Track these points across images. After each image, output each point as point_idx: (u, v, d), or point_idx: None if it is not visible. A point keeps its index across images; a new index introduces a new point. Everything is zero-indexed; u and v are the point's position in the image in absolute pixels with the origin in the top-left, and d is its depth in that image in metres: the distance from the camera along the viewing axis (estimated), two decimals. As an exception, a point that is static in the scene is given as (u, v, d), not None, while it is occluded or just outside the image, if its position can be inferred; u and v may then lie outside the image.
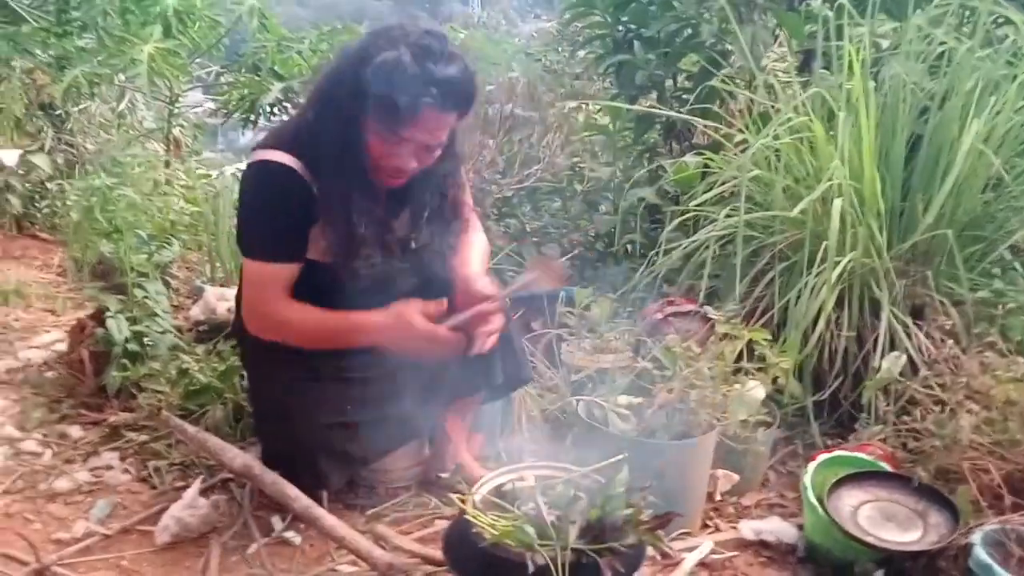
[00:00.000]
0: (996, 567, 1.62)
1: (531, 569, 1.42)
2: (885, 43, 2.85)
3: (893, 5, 2.88)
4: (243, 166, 4.34)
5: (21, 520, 2.08)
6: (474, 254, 2.13)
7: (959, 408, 1.97)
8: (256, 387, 2.22)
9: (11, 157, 4.31)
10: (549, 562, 1.44)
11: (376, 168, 1.92)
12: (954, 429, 1.93)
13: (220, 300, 2.87)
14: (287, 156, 1.92)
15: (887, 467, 2.03)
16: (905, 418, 2.07)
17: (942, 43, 2.53)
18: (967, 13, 2.79)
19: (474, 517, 1.54)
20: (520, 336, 2.31)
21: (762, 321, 2.41)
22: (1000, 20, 2.70)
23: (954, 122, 2.39)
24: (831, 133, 2.48)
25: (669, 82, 3.50)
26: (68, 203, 2.76)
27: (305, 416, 2.04)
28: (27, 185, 4.27)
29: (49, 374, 2.75)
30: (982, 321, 2.30)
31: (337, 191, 1.91)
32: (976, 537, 1.72)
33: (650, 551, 1.80)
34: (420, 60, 1.78)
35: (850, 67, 2.44)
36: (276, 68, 4.03)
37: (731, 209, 2.56)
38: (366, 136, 1.87)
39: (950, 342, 2.12)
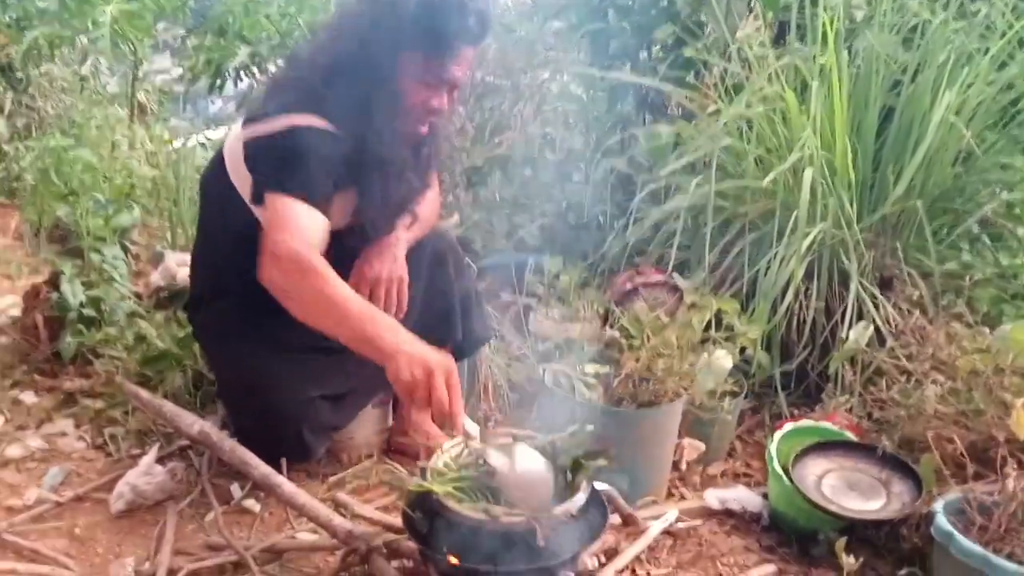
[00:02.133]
0: (957, 535, 1.62)
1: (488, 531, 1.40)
2: (860, 14, 2.82)
3: (869, -25, 2.86)
4: (212, 134, 4.29)
5: (-29, 487, 2.03)
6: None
7: (924, 379, 1.98)
8: (224, 365, 2.11)
9: (-33, 120, 4.20)
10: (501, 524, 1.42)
11: (407, 117, 1.86)
12: (919, 399, 1.94)
13: (180, 266, 2.80)
14: (315, 119, 1.80)
15: (852, 436, 2.03)
16: (871, 388, 2.08)
17: (916, 15, 2.51)
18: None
19: (432, 484, 1.51)
20: (480, 295, 2.26)
21: (731, 291, 2.40)
22: (974, -7, 2.68)
23: (926, 94, 2.38)
24: (803, 104, 2.46)
25: (644, 53, 3.46)
26: (24, 165, 2.67)
27: (285, 390, 1.95)
28: (-17, 148, 4.16)
29: (2, 339, 2.67)
30: (949, 293, 2.31)
31: (373, 154, 1.84)
32: (938, 505, 1.72)
33: (614, 519, 1.80)
34: None
35: (824, 38, 2.41)
36: (243, 32, 3.93)
37: (702, 179, 2.53)
38: (403, 82, 1.82)
39: (917, 313, 2.12)
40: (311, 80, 1.85)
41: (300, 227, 1.73)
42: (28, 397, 2.40)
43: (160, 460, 2.05)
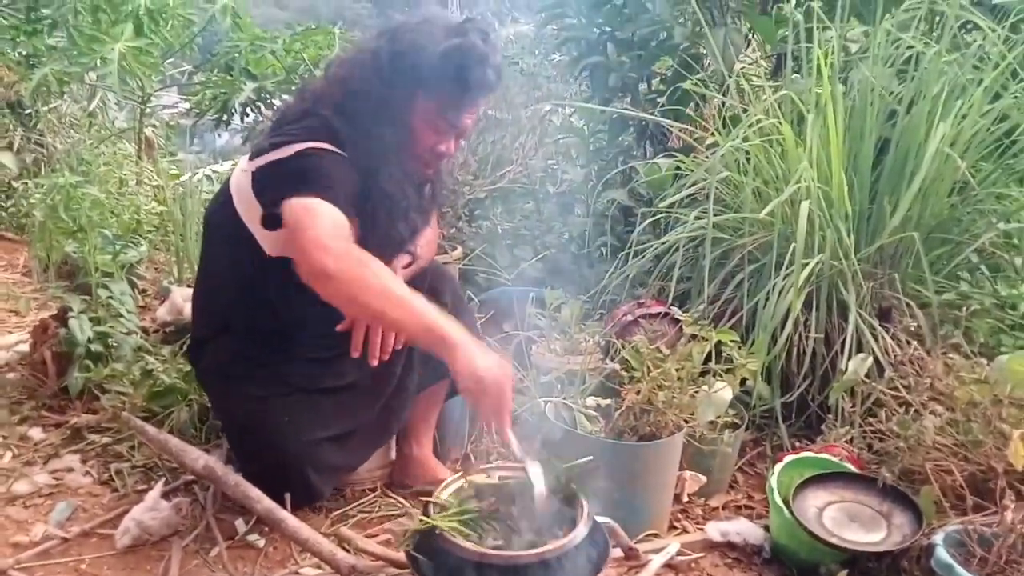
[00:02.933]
0: (957, 567, 1.63)
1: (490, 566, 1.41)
2: (855, 47, 2.86)
3: (863, 9, 2.89)
4: (218, 168, 4.33)
5: (-22, 523, 2.04)
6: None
7: (923, 409, 1.98)
8: (227, 406, 2.10)
9: (-23, 156, 4.26)
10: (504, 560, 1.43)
11: (416, 159, 1.93)
12: (918, 430, 1.94)
13: (187, 301, 2.83)
14: (326, 145, 1.82)
15: (852, 468, 2.04)
16: (871, 419, 2.08)
17: (910, 47, 2.55)
18: (936, 18, 2.81)
19: (435, 519, 1.52)
20: (479, 331, 2.24)
21: (731, 323, 2.42)
22: (968, 25, 2.72)
23: (921, 126, 2.41)
24: (800, 136, 2.49)
25: (643, 85, 3.51)
26: (32, 202, 2.71)
27: (290, 433, 1.94)
28: (-8, 184, 4.22)
29: (11, 375, 2.70)
30: (947, 323, 2.32)
31: (380, 189, 1.86)
32: (938, 538, 1.73)
33: (615, 552, 1.80)
34: (486, 44, 1.83)
35: (819, 71, 2.45)
36: (249, 68, 3.99)
37: (701, 211, 2.56)
38: (415, 124, 1.88)
39: (915, 344, 2.13)
40: (322, 113, 1.87)
41: (333, 219, 1.68)
42: (36, 433, 2.42)
43: (166, 495, 2.07)
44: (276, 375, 1.95)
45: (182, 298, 2.88)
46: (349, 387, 1.99)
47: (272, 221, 1.81)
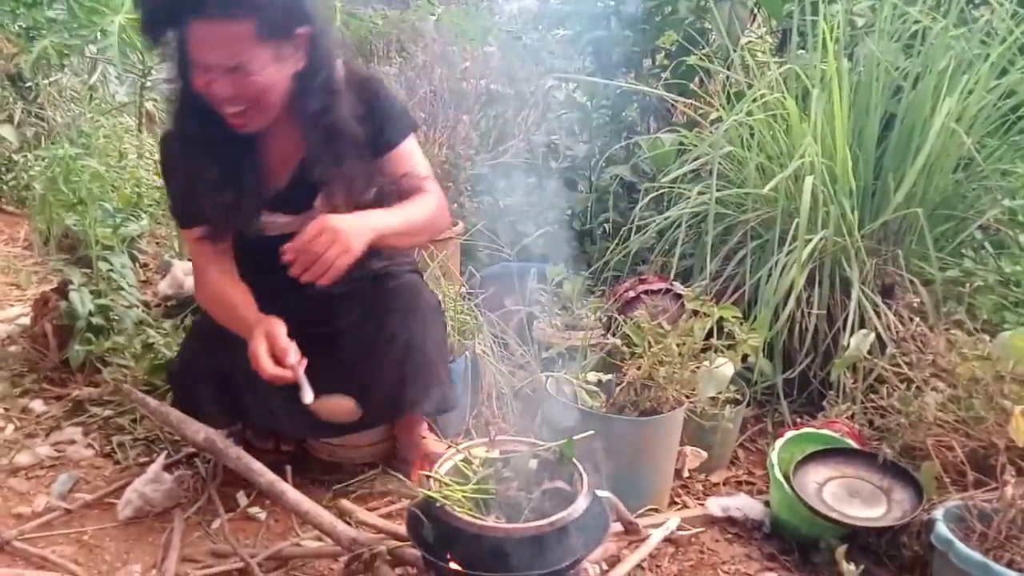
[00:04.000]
0: (957, 542, 1.63)
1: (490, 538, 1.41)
2: (861, 21, 2.83)
3: (871, -18, 2.87)
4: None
5: (-19, 494, 2.05)
6: (392, 207, 1.90)
7: (925, 386, 1.98)
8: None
9: (-23, 129, 4.24)
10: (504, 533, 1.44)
11: (212, 113, 1.77)
12: (920, 407, 1.94)
13: (188, 275, 2.83)
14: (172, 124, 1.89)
15: (853, 444, 2.04)
16: (872, 395, 2.08)
17: (917, 22, 2.52)
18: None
19: (435, 491, 1.53)
20: (443, 361, 2.08)
21: (733, 299, 2.41)
22: (975, 0, 2.69)
23: (927, 101, 2.38)
24: (804, 111, 2.47)
25: (647, 60, 3.48)
26: (33, 175, 2.70)
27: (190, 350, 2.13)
28: (-6, 157, 4.20)
29: (12, 348, 2.70)
30: (951, 300, 2.31)
31: (194, 148, 1.83)
32: (939, 513, 1.73)
33: (615, 526, 1.81)
34: None
35: (824, 46, 2.42)
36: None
37: (704, 186, 2.55)
38: (184, 72, 1.74)
39: (918, 320, 2.12)
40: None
41: (192, 252, 1.98)
42: (37, 405, 2.43)
43: (167, 468, 2.08)
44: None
45: (183, 272, 2.87)
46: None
47: None
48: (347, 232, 1.70)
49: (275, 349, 1.75)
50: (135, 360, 2.45)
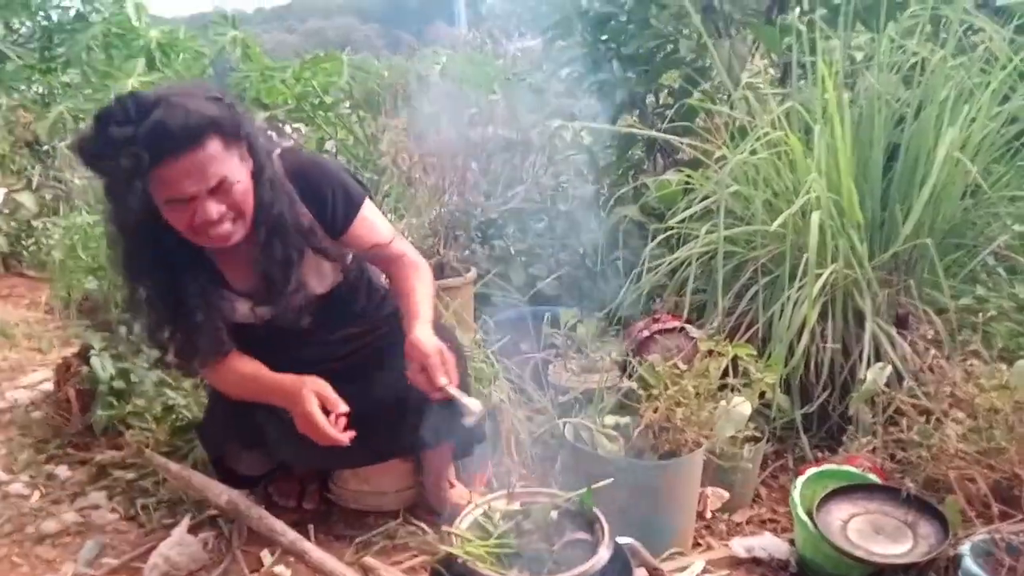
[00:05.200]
0: (985, 578, 1.61)
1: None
2: (860, 55, 2.86)
3: (868, 16, 2.89)
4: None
5: (9, 564, 2.07)
6: (415, 301, 1.96)
7: (944, 417, 1.97)
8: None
9: (-4, 196, 4.33)
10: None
11: (196, 236, 1.77)
12: (940, 439, 1.93)
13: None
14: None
15: (876, 479, 2.03)
16: (892, 429, 2.07)
17: (915, 53, 2.54)
18: (940, 22, 2.80)
19: (456, 545, 1.53)
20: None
21: (747, 336, 2.41)
22: (972, 28, 2.71)
23: (930, 131, 2.40)
24: (808, 146, 2.49)
25: (651, 99, 3.51)
26: (52, 241, 2.76)
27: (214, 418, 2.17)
28: (13, 224, 4.28)
29: (36, 414, 2.74)
30: (965, 328, 2.29)
31: (160, 286, 1.86)
32: (965, 548, 1.71)
33: (639, 573, 1.80)
34: (104, 126, 1.63)
35: (824, 80, 2.45)
36: (260, 97, 4.04)
37: (712, 225, 2.56)
38: (164, 219, 1.74)
39: (933, 351, 2.12)
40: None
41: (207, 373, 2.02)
42: (62, 471, 2.45)
43: (192, 529, 2.09)
44: None
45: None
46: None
47: None
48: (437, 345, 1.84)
49: (328, 404, 1.84)
50: (156, 422, 2.47)
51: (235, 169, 1.73)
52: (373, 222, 2.01)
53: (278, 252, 1.86)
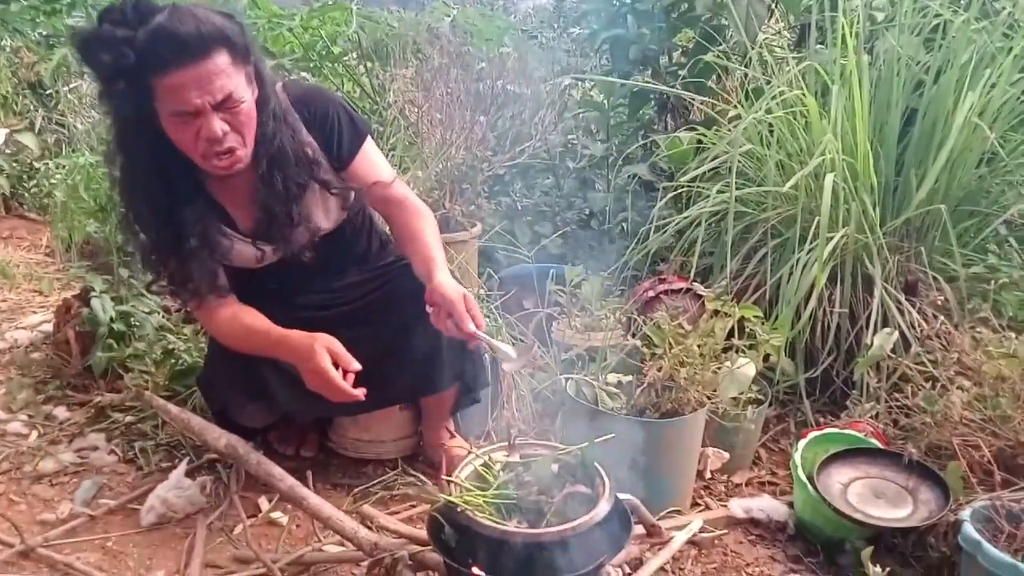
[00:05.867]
0: (985, 543, 1.60)
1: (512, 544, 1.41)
2: (880, 16, 2.80)
3: (890, -23, 2.83)
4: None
5: (6, 501, 2.07)
6: (427, 244, 1.91)
7: (950, 384, 1.95)
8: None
9: (-2, 136, 4.29)
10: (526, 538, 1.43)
11: (202, 159, 1.74)
12: (945, 405, 1.91)
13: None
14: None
15: (878, 444, 2.02)
16: (897, 395, 2.05)
17: (937, 15, 2.49)
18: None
19: (455, 496, 1.52)
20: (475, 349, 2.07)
21: (754, 298, 2.39)
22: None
23: (949, 96, 2.35)
24: (824, 108, 2.44)
25: (664, 58, 3.46)
26: (54, 182, 2.72)
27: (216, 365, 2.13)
28: (15, 165, 4.24)
29: (35, 355, 2.73)
30: (975, 297, 2.28)
31: (160, 215, 1.82)
32: (966, 513, 1.70)
33: (638, 529, 1.80)
34: (102, 26, 1.60)
35: (844, 41, 2.40)
36: (267, 45, 3.98)
37: (723, 185, 2.53)
38: (166, 134, 1.71)
39: (942, 318, 2.10)
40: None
41: (207, 321, 1.96)
42: (60, 412, 2.44)
43: (189, 473, 2.09)
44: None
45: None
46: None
47: None
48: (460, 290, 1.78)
49: (341, 362, 1.78)
50: (156, 366, 2.46)
51: (241, 88, 1.69)
52: (376, 160, 1.99)
53: (279, 184, 1.83)
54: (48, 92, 4.54)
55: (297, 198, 1.87)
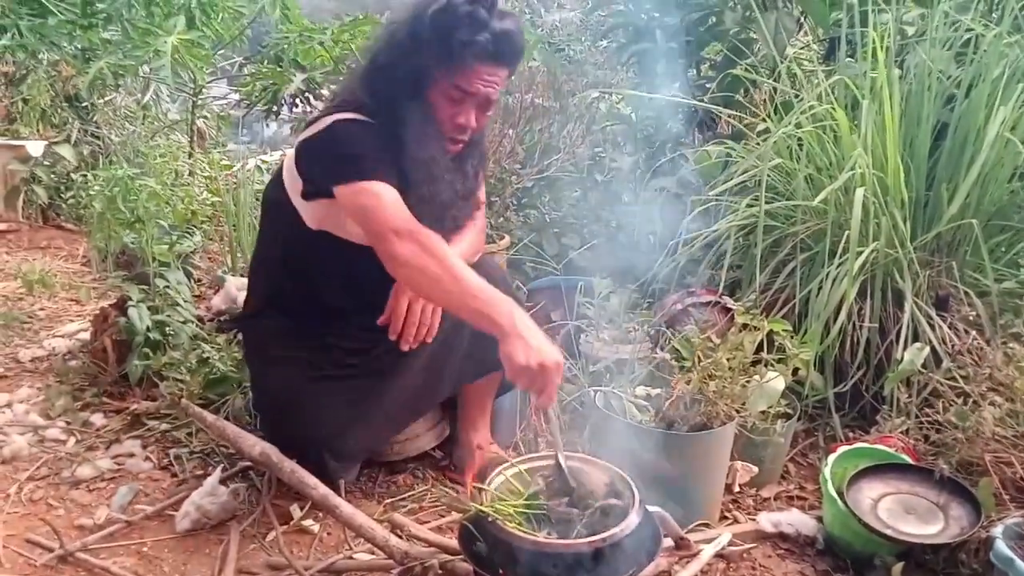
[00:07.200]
0: (1018, 561, 1.60)
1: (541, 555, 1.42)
2: (911, 30, 2.80)
3: (920, -10, 2.83)
4: (267, 157, 4.39)
5: (45, 506, 2.11)
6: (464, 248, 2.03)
7: (982, 400, 1.95)
8: (262, 381, 2.18)
9: (37, 148, 4.38)
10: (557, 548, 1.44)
11: (440, 135, 1.91)
12: (977, 421, 1.91)
13: (241, 290, 2.88)
14: (356, 115, 1.91)
15: (908, 459, 2.01)
16: (927, 410, 2.05)
17: (969, 29, 2.49)
18: (995, -1, 2.74)
19: (486, 505, 1.54)
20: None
21: (783, 312, 2.39)
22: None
23: (980, 110, 2.35)
24: (854, 122, 2.45)
25: (692, 71, 3.47)
26: (91, 193, 2.78)
27: (315, 413, 2.00)
28: (53, 176, 4.33)
29: (73, 363, 2.78)
30: (1007, 312, 2.27)
31: (412, 151, 1.88)
32: (998, 530, 1.70)
33: (667, 542, 1.80)
34: (474, 6, 1.80)
35: (874, 55, 2.40)
36: (298, 59, 4.03)
37: (752, 199, 2.53)
38: (430, 95, 1.88)
39: (973, 333, 2.09)
40: (352, 88, 1.98)
41: (393, 202, 1.78)
42: (98, 419, 2.49)
43: (223, 481, 2.12)
44: (311, 358, 2.02)
45: (236, 287, 2.93)
46: (378, 373, 2.02)
47: (310, 192, 1.95)
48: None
49: None
50: (190, 374, 2.50)
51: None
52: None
53: (470, 168, 2.04)
54: (84, 104, 4.63)
55: (477, 181, 2.10)
